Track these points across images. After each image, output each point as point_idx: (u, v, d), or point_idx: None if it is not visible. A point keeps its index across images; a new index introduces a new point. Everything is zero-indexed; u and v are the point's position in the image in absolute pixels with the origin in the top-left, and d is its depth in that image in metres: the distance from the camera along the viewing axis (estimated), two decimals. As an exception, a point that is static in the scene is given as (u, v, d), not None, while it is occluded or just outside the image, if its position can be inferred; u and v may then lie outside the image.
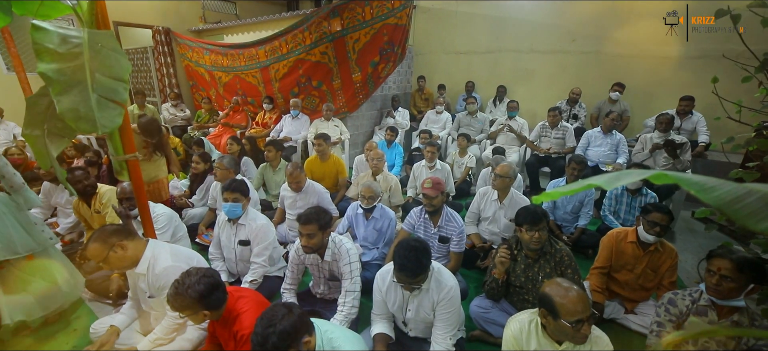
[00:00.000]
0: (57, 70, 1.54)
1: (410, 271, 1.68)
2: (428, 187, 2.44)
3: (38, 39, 1.53)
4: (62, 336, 2.37)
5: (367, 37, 5.07)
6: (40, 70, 1.53)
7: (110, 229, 1.91)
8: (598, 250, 2.38)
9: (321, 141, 3.71)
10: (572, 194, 2.01)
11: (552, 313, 1.41)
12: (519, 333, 1.57)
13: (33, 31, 1.51)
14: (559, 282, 1.46)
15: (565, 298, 1.39)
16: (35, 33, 1.52)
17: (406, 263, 1.68)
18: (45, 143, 1.69)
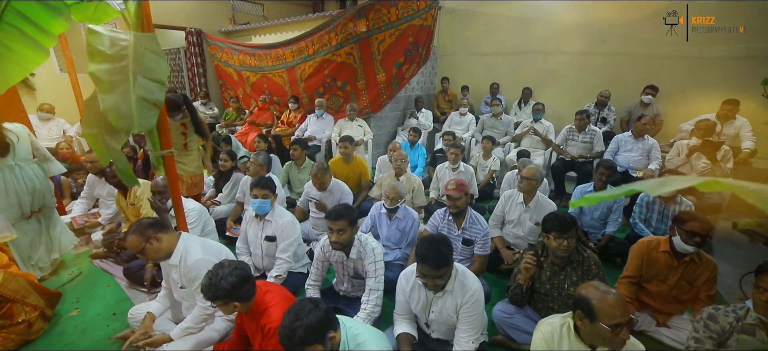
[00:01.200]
0: (105, 70, 1.65)
1: (433, 261, 1.68)
2: (452, 189, 2.44)
3: (92, 41, 1.64)
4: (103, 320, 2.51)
5: (392, 38, 5.09)
6: (91, 71, 1.64)
7: (146, 222, 2.01)
8: (628, 259, 2.29)
9: (346, 144, 3.75)
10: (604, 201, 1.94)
11: (589, 315, 1.37)
12: (550, 336, 1.54)
13: (89, 34, 1.62)
14: (597, 285, 1.42)
15: (604, 300, 1.34)
16: (90, 36, 1.62)
17: (428, 254, 1.68)
18: (104, 140, 1.80)
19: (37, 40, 1.86)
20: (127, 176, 2.15)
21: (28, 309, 2.26)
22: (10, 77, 1.77)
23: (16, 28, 1.75)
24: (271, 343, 1.67)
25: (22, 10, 1.73)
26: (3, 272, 2.17)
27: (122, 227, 3.39)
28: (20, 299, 2.21)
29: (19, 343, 2.23)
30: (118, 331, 2.34)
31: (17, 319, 2.20)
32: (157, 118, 1.75)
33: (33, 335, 2.30)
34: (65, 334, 2.39)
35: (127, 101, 1.64)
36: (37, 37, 1.85)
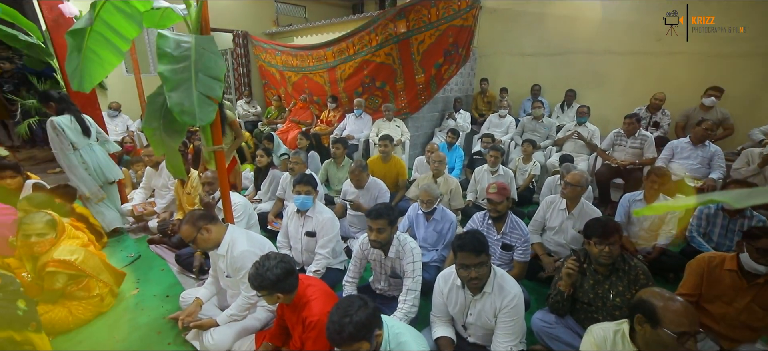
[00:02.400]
0: (171, 69, 1.79)
1: (472, 247, 1.69)
2: (494, 192, 2.41)
3: (161, 44, 1.79)
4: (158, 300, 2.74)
5: (432, 38, 5.09)
6: (160, 71, 1.78)
7: (198, 213, 2.15)
8: (685, 276, 2.12)
9: (386, 142, 3.81)
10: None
11: (651, 319, 1.29)
12: (602, 341, 1.48)
13: (158, 38, 1.77)
14: (661, 290, 1.35)
15: (670, 306, 1.27)
16: (159, 39, 1.78)
17: (466, 241, 1.70)
18: (161, 135, 1.96)
19: (115, 44, 2.05)
20: (177, 169, 2.33)
21: (101, 285, 2.51)
22: (95, 77, 1.97)
23: (101, 35, 1.94)
24: (311, 335, 1.74)
25: (106, 18, 1.92)
26: (85, 250, 2.43)
27: (175, 216, 3.66)
28: (96, 275, 2.46)
29: (94, 313, 2.50)
30: (171, 312, 2.54)
31: (93, 292, 2.46)
32: (216, 113, 1.88)
33: (104, 308, 2.56)
34: (128, 310, 2.63)
35: (189, 97, 1.77)
36: (116, 42, 2.04)
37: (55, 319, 2.30)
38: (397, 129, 5.09)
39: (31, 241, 2.25)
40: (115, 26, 2.00)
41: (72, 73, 1.96)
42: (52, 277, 2.28)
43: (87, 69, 1.99)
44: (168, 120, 2.04)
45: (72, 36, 1.88)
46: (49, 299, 2.32)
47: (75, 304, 2.41)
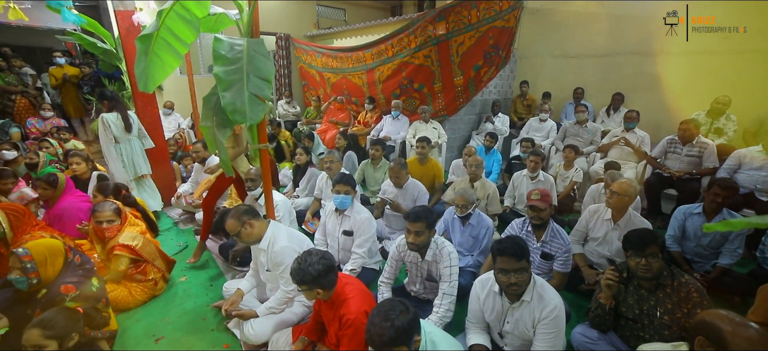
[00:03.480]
0: (224, 71, 1.89)
1: (512, 251, 1.66)
2: (536, 199, 2.34)
3: (216, 47, 1.91)
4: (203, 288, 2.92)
5: (471, 40, 5.02)
6: (215, 72, 1.90)
7: (243, 208, 2.26)
8: (756, 301, 1.89)
9: (423, 144, 3.81)
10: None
11: (717, 342, 1.19)
12: None
13: (215, 41, 1.89)
14: (729, 313, 1.24)
15: (741, 331, 1.15)
16: (216, 43, 1.89)
17: (507, 245, 1.68)
18: (214, 132, 2.10)
19: (175, 48, 2.20)
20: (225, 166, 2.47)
21: (156, 270, 2.73)
22: (157, 79, 2.14)
23: (164, 40, 2.10)
24: (347, 333, 1.77)
25: (169, 24, 2.08)
26: (143, 237, 2.65)
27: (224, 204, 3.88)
28: (152, 261, 2.68)
29: (149, 296, 2.72)
30: (214, 300, 2.71)
31: (149, 276, 2.68)
32: (263, 113, 1.97)
33: (157, 292, 2.77)
34: (177, 295, 2.83)
35: (241, 97, 1.87)
36: (176, 46, 2.19)
37: (117, 297, 2.52)
38: (434, 131, 5.07)
39: (103, 226, 2.49)
40: (176, 31, 2.16)
41: (139, 75, 2.14)
42: (117, 259, 2.50)
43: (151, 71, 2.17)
44: (220, 119, 2.17)
45: (141, 41, 2.06)
46: (114, 279, 2.55)
47: (134, 286, 2.63)
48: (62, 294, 1.92)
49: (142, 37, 2.07)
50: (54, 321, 1.58)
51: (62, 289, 1.93)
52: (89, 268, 2.17)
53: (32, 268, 1.89)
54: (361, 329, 1.77)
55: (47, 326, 1.55)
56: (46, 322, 1.56)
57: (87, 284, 2.05)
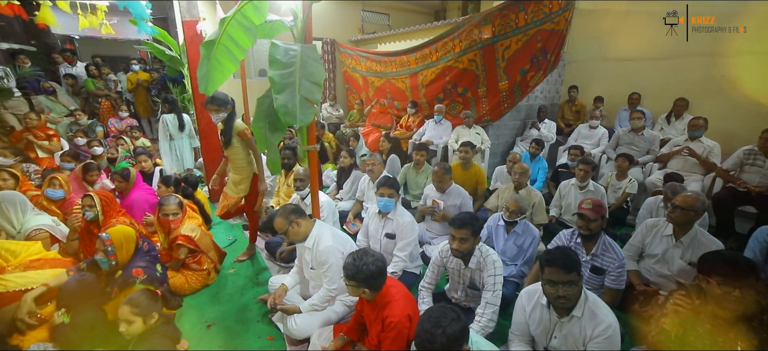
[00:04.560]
0: (279, 74, 1.98)
1: (562, 262, 1.59)
2: (588, 209, 2.23)
3: (272, 52, 2.00)
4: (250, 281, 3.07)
5: (518, 44, 4.88)
6: (270, 75, 1.99)
7: (290, 207, 2.35)
8: None
9: (467, 149, 3.76)
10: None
11: None
12: None
13: (271, 47, 1.99)
14: None
15: None
16: (272, 48, 1.99)
17: (556, 256, 1.60)
18: (266, 133, 2.21)
19: (233, 53, 2.35)
20: (275, 166, 2.59)
21: (209, 261, 2.93)
22: (217, 82, 2.30)
23: (224, 46, 2.26)
24: (390, 335, 1.78)
25: (229, 31, 2.24)
26: (200, 230, 2.86)
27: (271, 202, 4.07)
28: (207, 252, 2.87)
29: (202, 284, 2.91)
30: (259, 293, 2.84)
31: (203, 266, 2.88)
32: (313, 116, 2.05)
33: (209, 281, 2.96)
34: (226, 286, 2.99)
35: (293, 100, 1.94)
36: (234, 51, 2.34)
37: (175, 284, 2.72)
38: (477, 136, 4.98)
39: (169, 218, 2.72)
40: (235, 37, 2.31)
41: (201, 78, 2.31)
42: (178, 248, 2.72)
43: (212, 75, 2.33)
44: (272, 120, 2.29)
45: (204, 47, 2.22)
46: (174, 267, 2.76)
47: (190, 274, 2.84)
48: (133, 277, 2.12)
49: (206, 43, 2.23)
50: (139, 300, 1.75)
51: (133, 272, 2.13)
52: (155, 255, 2.38)
53: (111, 251, 2.11)
54: (403, 333, 1.78)
55: (134, 304, 1.73)
56: (133, 300, 1.74)
57: (153, 269, 2.25)
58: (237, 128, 2.87)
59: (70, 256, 2.52)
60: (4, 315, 1.97)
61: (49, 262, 2.25)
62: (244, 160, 2.97)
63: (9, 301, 1.99)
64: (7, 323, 1.98)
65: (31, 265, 2.14)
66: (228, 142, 2.89)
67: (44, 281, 2.11)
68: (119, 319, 1.73)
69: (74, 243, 2.60)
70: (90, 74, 6.63)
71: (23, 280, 2.05)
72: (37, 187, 3.37)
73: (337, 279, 2.27)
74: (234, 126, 2.87)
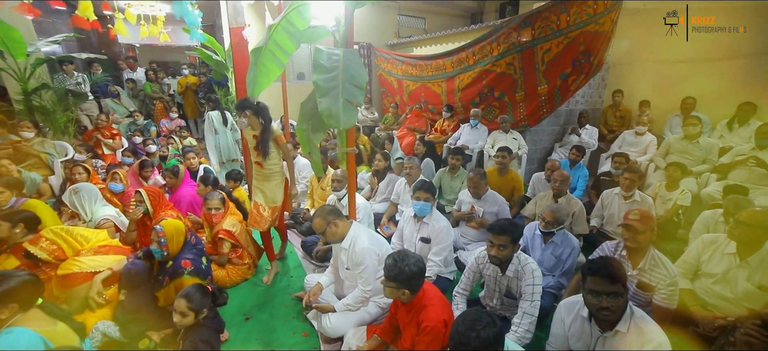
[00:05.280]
0: (323, 79, 2.04)
1: (605, 272, 1.52)
2: (636, 219, 2.10)
3: (316, 57, 2.07)
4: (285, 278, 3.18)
5: (559, 47, 4.71)
6: (314, 79, 2.04)
7: (328, 208, 2.40)
8: None
9: (504, 154, 3.69)
10: None
11: None
12: None
13: (316, 52, 2.07)
14: None
15: None
16: (316, 53, 2.07)
17: (600, 265, 1.53)
18: (309, 134, 2.29)
19: (278, 58, 2.47)
20: (317, 166, 2.66)
21: (249, 256, 3.06)
22: (262, 85, 2.43)
23: (270, 51, 2.38)
24: (425, 339, 1.78)
25: (275, 37, 2.35)
26: (241, 225, 3.01)
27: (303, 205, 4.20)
28: (246, 247, 3.02)
29: (241, 278, 3.05)
30: (295, 290, 2.93)
31: (244, 260, 3.03)
32: (355, 119, 2.09)
33: (248, 275, 3.10)
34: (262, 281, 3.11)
35: (336, 103, 2.00)
36: (279, 56, 2.46)
37: (217, 276, 2.88)
38: (514, 142, 4.86)
39: (212, 212, 2.89)
40: (281, 43, 2.42)
41: (249, 81, 2.44)
42: (221, 243, 2.88)
43: (258, 79, 2.46)
44: (315, 123, 2.37)
45: (253, 53, 2.35)
46: (220, 262, 2.93)
47: (231, 268, 2.99)
48: (182, 267, 2.28)
49: (254, 49, 2.36)
50: (194, 296, 1.87)
51: (182, 263, 2.29)
52: (201, 248, 2.53)
53: (164, 242, 2.27)
54: (438, 338, 1.77)
55: (189, 299, 1.86)
56: (188, 295, 1.87)
57: (199, 262, 2.40)
58: (274, 134, 2.81)
59: (128, 245, 2.74)
60: (79, 292, 2.24)
61: (113, 249, 2.48)
62: (277, 165, 2.89)
63: (82, 281, 2.26)
64: (81, 300, 2.24)
65: (99, 251, 2.38)
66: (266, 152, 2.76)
67: (110, 265, 2.33)
68: (174, 310, 1.86)
69: (133, 233, 2.84)
70: (148, 78, 7.25)
71: (93, 263, 2.29)
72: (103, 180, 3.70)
73: (371, 280, 2.30)
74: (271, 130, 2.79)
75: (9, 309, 1.53)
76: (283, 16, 2.30)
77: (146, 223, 2.85)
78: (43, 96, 5.08)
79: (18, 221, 2.31)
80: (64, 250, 2.26)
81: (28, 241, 2.24)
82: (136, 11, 3.68)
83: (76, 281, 2.22)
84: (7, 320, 1.54)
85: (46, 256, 2.19)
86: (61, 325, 1.62)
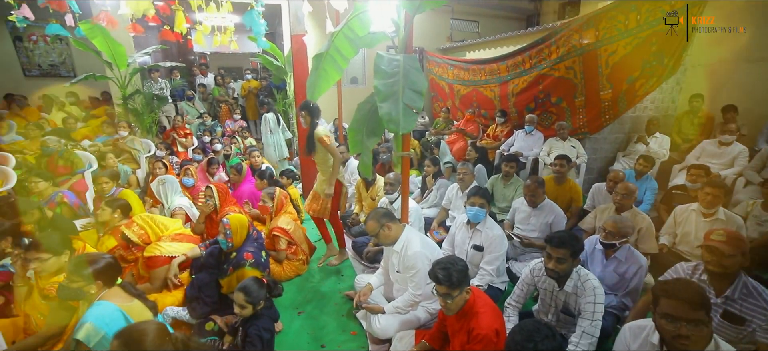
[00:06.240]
0: (384, 84, 2.07)
1: (685, 295, 1.37)
2: (720, 239, 1.87)
3: (377, 62, 2.11)
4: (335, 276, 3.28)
5: (626, 48, 4.35)
6: (375, 84, 2.08)
7: (382, 211, 2.44)
8: None
9: (562, 162, 3.51)
10: None
11: None
12: None
13: (377, 57, 2.11)
14: None
15: None
16: (377, 58, 2.10)
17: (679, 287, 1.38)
18: (363, 137, 2.35)
19: (338, 63, 2.58)
20: (366, 169, 2.71)
21: (302, 252, 3.21)
22: (322, 89, 2.55)
23: (331, 56, 2.48)
24: (476, 347, 1.74)
25: (336, 43, 2.45)
26: (295, 223, 3.18)
27: (353, 208, 4.31)
28: (300, 244, 3.17)
29: (295, 273, 3.21)
30: (345, 289, 3.01)
31: (298, 256, 3.19)
32: (415, 123, 2.11)
33: (301, 271, 3.26)
34: (314, 277, 3.25)
35: (396, 108, 2.02)
36: (339, 61, 2.57)
37: (273, 270, 3.07)
38: (572, 150, 4.59)
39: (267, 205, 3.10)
40: (341, 48, 2.52)
41: (310, 86, 2.57)
42: (276, 239, 3.05)
43: (318, 83, 2.58)
44: (370, 126, 2.42)
45: (315, 58, 2.48)
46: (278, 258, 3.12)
47: (286, 263, 3.16)
48: (245, 259, 2.45)
49: (316, 55, 2.48)
50: (250, 289, 2.01)
51: (245, 255, 2.47)
52: (261, 242, 2.71)
53: (229, 234, 2.47)
54: (489, 346, 1.74)
55: (246, 292, 2.00)
56: (245, 289, 2.01)
57: (259, 255, 2.57)
58: (317, 135, 2.99)
59: (197, 235, 3.02)
60: (159, 273, 2.55)
61: (186, 237, 2.76)
62: (326, 163, 3.09)
63: (161, 264, 2.57)
64: (161, 280, 2.55)
65: (175, 238, 2.67)
66: (310, 149, 3.06)
67: (184, 252, 2.60)
68: (235, 302, 2.01)
69: (201, 225, 3.12)
70: (216, 83, 7.97)
71: (171, 248, 2.58)
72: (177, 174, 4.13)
73: (422, 285, 2.30)
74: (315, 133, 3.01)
75: (97, 285, 1.76)
76: (345, 23, 2.40)
77: (212, 217, 3.12)
78: (136, 100, 5.98)
79: (117, 207, 2.69)
80: (149, 235, 2.57)
81: (124, 225, 2.58)
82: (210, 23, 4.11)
83: (157, 263, 2.51)
84: (96, 294, 1.77)
85: (136, 239, 2.52)
86: (136, 302, 1.83)
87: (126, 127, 5.32)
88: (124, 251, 2.63)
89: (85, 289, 1.73)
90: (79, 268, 1.72)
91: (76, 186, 3.90)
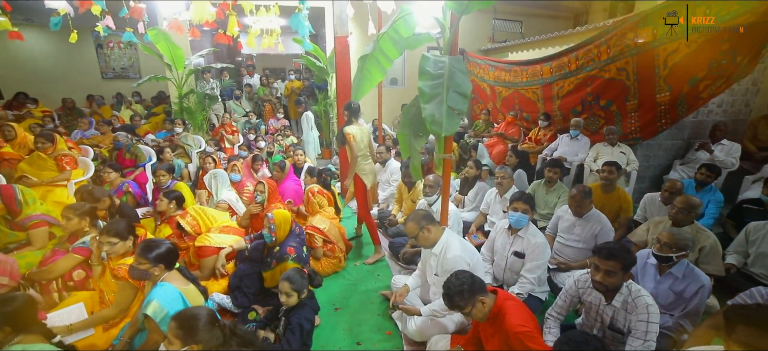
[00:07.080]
0: (428, 85, 2.06)
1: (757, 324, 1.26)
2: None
3: (422, 64, 2.11)
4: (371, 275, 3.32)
5: (690, 47, 3.98)
6: (419, 86, 2.08)
7: (421, 213, 2.43)
8: None
9: (611, 169, 3.31)
10: None
11: None
12: None
13: (422, 59, 2.11)
14: None
15: None
16: (422, 60, 2.11)
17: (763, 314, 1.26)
18: (410, 139, 2.35)
19: (382, 64, 2.61)
20: (416, 171, 2.71)
21: (339, 250, 3.29)
22: (365, 89, 2.59)
23: (375, 58, 2.52)
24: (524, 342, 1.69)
25: (381, 44, 2.48)
26: (330, 222, 3.28)
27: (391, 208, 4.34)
28: (336, 242, 3.25)
29: (333, 270, 3.29)
30: (381, 288, 3.03)
31: (335, 254, 3.27)
32: (458, 126, 2.09)
33: (339, 268, 3.33)
34: (350, 275, 3.30)
35: (440, 110, 2.00)
36: (383, 62, 2.59)
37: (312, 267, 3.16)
38: (622, 156, 4.30)
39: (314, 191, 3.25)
40: (385, 50, 2.55)
41: (354, 87, 2.63)
42: (311, 237, 3.16)
43: (362, 84, 2.63)
44: (416, 128, 2.42)
45: (360, 60, 2.53)
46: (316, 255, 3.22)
47: (324, 260, 3.25)
48: (287, 254, 2.56)
49: (362, 57, 2.53)
50: (294, 277, 2.11)
51: (288, 250, 2.58)
52: (303, 238, 2.81)
53: (273, 229, 2.59)
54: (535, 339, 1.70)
55: (291, 281, 2.10)
56: (290, 277, 2.11)
57: (300, 250, 2.67)
58: (345, 131, 3.32)
59: (243, 229, 3.20)
60: (208, 262, 2.74)
61: (232, 230, 2.93)
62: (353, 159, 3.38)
63: (210, 253, 2.76)
64: (209, 269, 2.74)
65: (223, 230, 2.84)
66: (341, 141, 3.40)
67: (230, 243, 2.77)
68: (280, 292, 2.12)
69: (247, 219, 3.29)
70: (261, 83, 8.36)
71: (219, 239, 2.76)
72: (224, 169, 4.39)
73: (460, 289, 2.28)
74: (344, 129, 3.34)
75: (159, 268, 1.92)
76: (391, 25, 2.42)
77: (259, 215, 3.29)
78: (190, 99, 6.49)
79: (173, 199, 2.91)
80: (200, 226, 2.77)
81: (179, 216, 2.79)
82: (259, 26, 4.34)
83: (207, 253, 2.69)
84: (159, 277, 1.93)
85: (189, 229, 2.72)
86: (191, 286, 1.97)
87: (180, 124, 5.83)
88: (178, 239, 2.85)
89: (151, 271, 1.90)
90: (146, 252, 1.89)
91: (139, 178, 4.33)
